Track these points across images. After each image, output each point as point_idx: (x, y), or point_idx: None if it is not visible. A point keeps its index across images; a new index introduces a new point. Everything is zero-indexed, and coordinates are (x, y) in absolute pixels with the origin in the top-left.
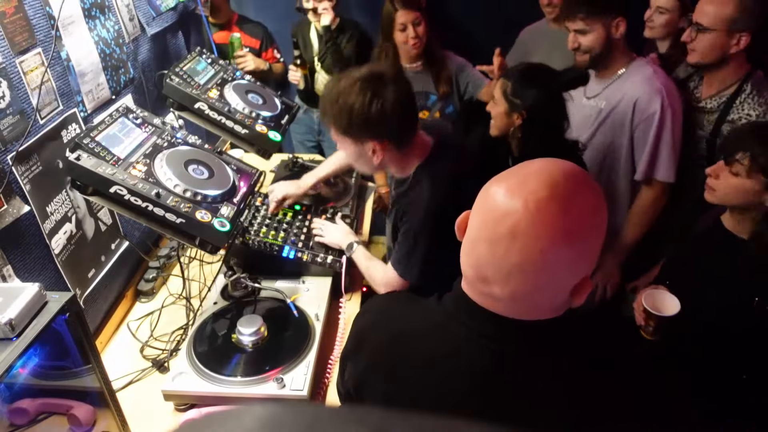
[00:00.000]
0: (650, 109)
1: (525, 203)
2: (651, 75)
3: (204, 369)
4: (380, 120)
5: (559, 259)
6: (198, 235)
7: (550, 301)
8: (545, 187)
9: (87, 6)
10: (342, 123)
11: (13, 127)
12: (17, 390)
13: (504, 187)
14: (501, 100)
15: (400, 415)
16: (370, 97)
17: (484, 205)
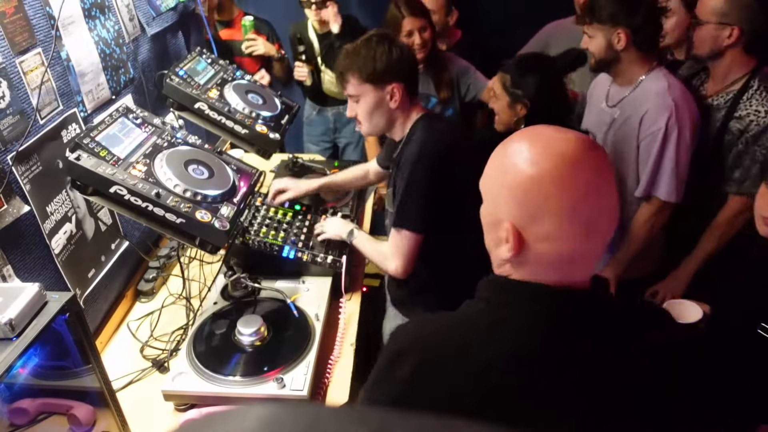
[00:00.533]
0: (656, 125)
1: (577, 141)
2: (664, 89)
3: (204, 369)
4: (400, 63)
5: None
6: (198, 235)
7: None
8: (570, 132)
9: (87, 6)
10: (367, 69)
11: (13, 127)
12: (17, 390)
13: (547, 144)
14: (502, 93)
15: (400, 415)
16: (389, 45)
17: (552, 171)
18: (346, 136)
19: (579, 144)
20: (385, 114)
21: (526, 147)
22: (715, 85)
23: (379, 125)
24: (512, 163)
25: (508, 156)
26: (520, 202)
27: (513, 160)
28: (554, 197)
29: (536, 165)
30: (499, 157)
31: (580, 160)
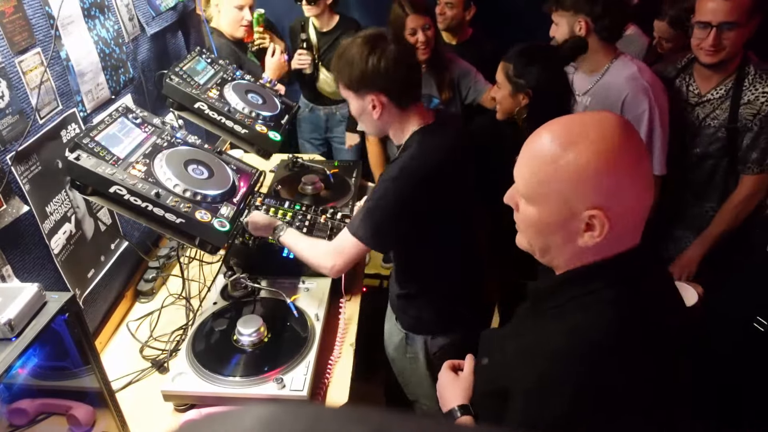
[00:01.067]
0: (639, 108)
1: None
2: (636, 73)
3: (204, 369)
4: (376, 73)
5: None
6: (198, 235)
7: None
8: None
9: (86, 6)
10: (344, 76)
11: (13, 126)
12: (17, 390)
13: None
14: (504, 82)
15: (400, 415)
16: (368, 51)
17: (613, 142)
18: (338, 136)
19: (606, 114)
20: (371, 120)
21: (567, 134)
22: (708, 82)
23: (370, 130)
24: (566, 154)
25: (555, 151)
26: (596, 184)
27: (565, 151)
28: (625, 164)
29: (596, 143)
30: (543, 156)
31: (620, 125)
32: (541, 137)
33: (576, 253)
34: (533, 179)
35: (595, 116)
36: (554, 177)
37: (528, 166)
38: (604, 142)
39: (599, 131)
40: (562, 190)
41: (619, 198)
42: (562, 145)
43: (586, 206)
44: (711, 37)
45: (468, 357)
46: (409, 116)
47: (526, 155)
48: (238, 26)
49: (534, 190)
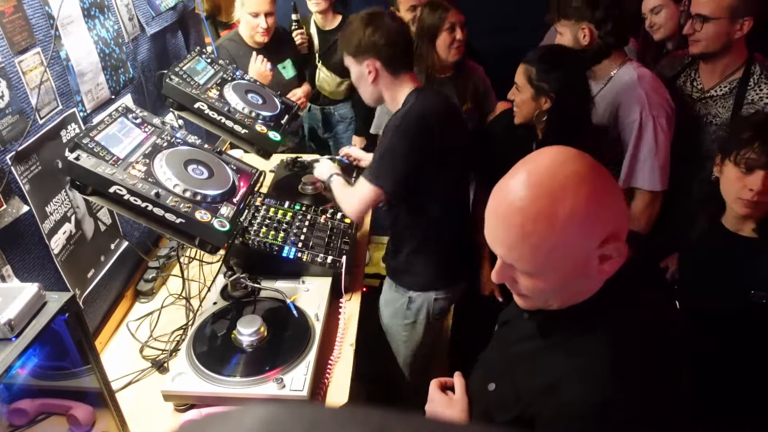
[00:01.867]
0: (630, 117)
1: (566, 153)
2: (634, 81)
3: (204, 369)
4: (372, 41)
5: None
6: (198, 235)
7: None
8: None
9: (86, 6)
10: (346, 44)
11: (13, 126)
12: (16, 390)
13: (564, 166)
14: (526, 86)
15: (400, 416)
16: (366, 23)
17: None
18: (336, 136)
19: (552, 151)
20: (368, 87)
21: (544, 195)
22: (712, 78)
23: (367, 96)
24: (558, 214)
25: (548, 217)
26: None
27: (556, 213)
28: (604, 186)
29: (574, 185)
30: (540, 229)
31: (572, 154)
32: (520, 210)
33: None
34: (538, 255)
35: (545, 160)
36: (560, 241)
37: (523, 245)
38: (579, 180)
39: (567, 171)
40: (573, 246)
41: (616, 217)
42: (550, 209)
43: (597, 244)
44: (686, 25)
45: (456, 376)
46: (402, 82)
47: (514, 233)
48: (255, 33)
49: (542, 265)
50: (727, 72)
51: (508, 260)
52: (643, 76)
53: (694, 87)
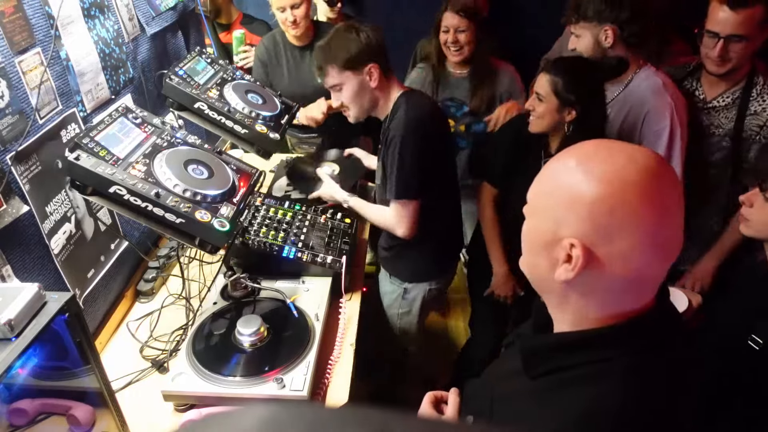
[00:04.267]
0: (660, 124)
1: (651, 155)
2: (661, 87)
3: (203, 369)
4: (369, 45)
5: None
6: (198, 235)
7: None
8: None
9: (86, 5)
10: (342, 57)
11: (13, 126)
12: (16, 390)
13: (625, 157)
14: (551, 96)
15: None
16: (356, 31)
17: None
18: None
19: (654, 157)
20: (368, 95)
21: (599, 161)
22: (715, 89)
23: (365, 107)
24: (583, 179)
25: (575, 171)
26: (595, 218)
27: (584, 176)
28: (638, 213)
29: (619, 179)
30: (562, 171)
31: (662, 174)
32: (573, 154)
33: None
34: (538, 190)
35: (633, 149)
36: (556, 195)
37: (539, 177)
38: (632, 181)
39: (638, 169)
40: (558, 210)
41: (616, 243)
42: (576, 163)
43: (571, 235)
44: (718, 48)
45: (452, 393)
46: (392, 86)
47: (545, 169)
48: (287, 28)
49: (534, 202)
50: (730, 83)
51: (528, 196)
52: (667, 82)
53: (696, 97)
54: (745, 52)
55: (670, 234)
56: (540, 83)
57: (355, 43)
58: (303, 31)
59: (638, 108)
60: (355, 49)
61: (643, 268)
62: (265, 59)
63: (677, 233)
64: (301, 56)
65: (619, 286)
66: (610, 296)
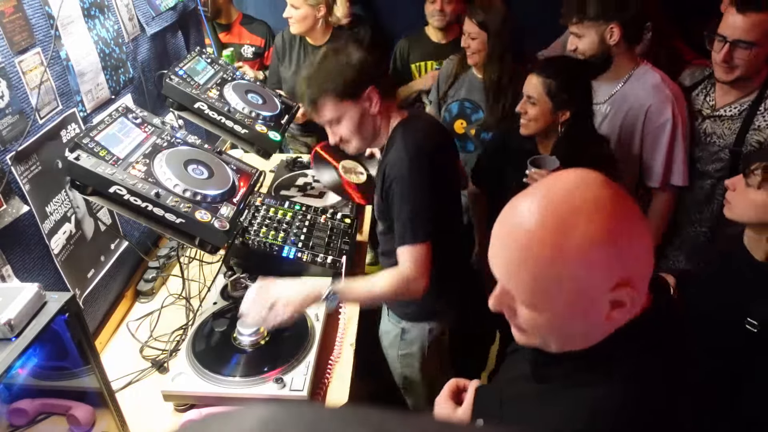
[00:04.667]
0: (662, 118)
1: (597, 180)
2: (659, 82)
3: (203, 369)
4: (364, 65)
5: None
6: (198, 235)
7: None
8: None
9: (86, 5)
10: (338, 86)
11: (13, 126)
12: (16, 390)
13: (600, 197)
14: (544, 99)
15: (401, 416)
16: (346, 56)
17: (608, 223)
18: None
19: (578, 174)
20: (370, 123)
21: (556, 218)
22: (726, 97)
23: (368, 137)
24: (567, 243)
25: (553, 244)
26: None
27: (565, 240)
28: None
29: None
30: (542, 255)
31: (601, 182)
32: (526, 232)
33: (604, 331)
34: (538, 284)
35: (563, 182)
36: (566, 274)
37: (525, 269)
38: (597, 208)
39: (584, 196)
40: (578, 282)
41: (637, 260)
42: (557, 235)
43: (610, 286)
44: (722, 53)
45: (472, 385)
46: (391, 111)
47: (517, 255)
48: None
49: (540, 297)
50: (741, 92)
51: (507, 286)
52: (664, 77)
53: (707, 102)
54: (754, 60)
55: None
56: (531, 85)
57: (349, 68)
58: (304, 30)
59: (638, 105)
60: (351, 74)
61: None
62: (279, 51)
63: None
64: (312, 54)
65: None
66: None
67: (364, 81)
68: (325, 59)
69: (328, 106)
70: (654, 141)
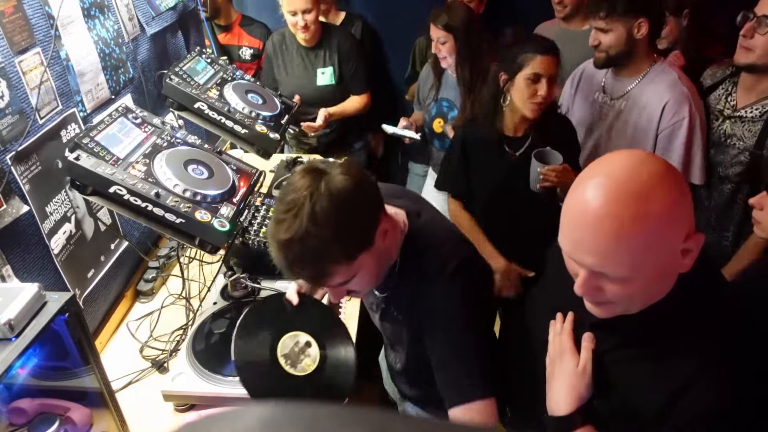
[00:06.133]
0: (679, 115)
1: (641, 154)
2: (676, 79)
3: (203, 369)
4: (370, 200)
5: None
6: (198, 235)
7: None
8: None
9: (86, 6)
10: (353, 244)
11: (13, 126)
12: (16, 390)
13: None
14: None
15: (401, 416)
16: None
17: (676, 178)
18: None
19: (627, 154)
20: (385, 260)
21: (630, 196)
22: (748, 96)
23: (384, 272)
24: (649, 212)
25: (640, 218)
26: (682, 214)
27: (647, 211)
28: (686, 187)
29: (667, 180)
30: (634, 232)
31: (644, 154)
32: (612, 215)
33: (675, 278)
34: (635, 257)
35: (620, 163)
36: (655, 240)
37: (621, 247)
38: (661, 178)
39: (648, 170)
40: (666, 243)
41: (691, 209)
42: (643, 209)
43: (683, 238)
44: (746, 27)
45: (587, 339)
46: (396, 227)
47: (610, 240)
48: (296, 31)
49: (638, 267)
50: (765, 93)
51: (600, 269)
52: (681, 74)
53: (728, 102)
54: None
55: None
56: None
57: (353, 214)
58: (311, 35)
59: (656, 101)
60: (365, 220)
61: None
62: (271, 54)
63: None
64: (306, 56)
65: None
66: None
67: (372, 225)
68: (333, 210)
69: (340, 272)
70: (669, 138)
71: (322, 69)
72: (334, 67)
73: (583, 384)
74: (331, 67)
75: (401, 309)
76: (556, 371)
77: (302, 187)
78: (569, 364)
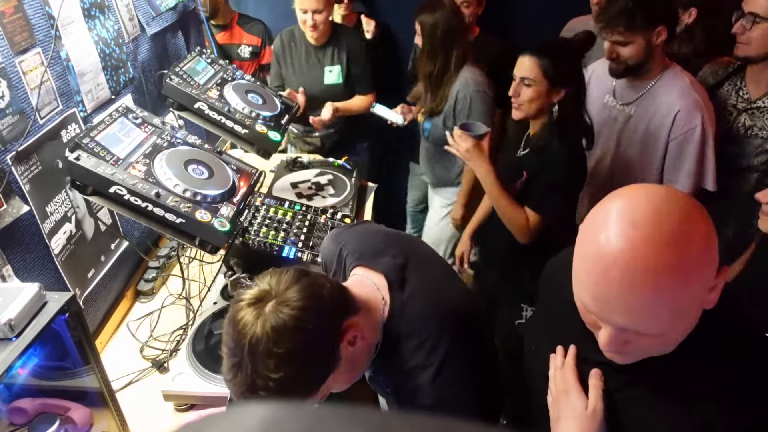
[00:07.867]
0: (692, 123)
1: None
2: (688, 86)
3: (203, 369)
4: (333, 308)
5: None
6: (198, 235)
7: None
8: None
9: (86, 6)
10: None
11: (13, 126)
12: (17, 390)
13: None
14: (541, 79)
15: (401, 415)
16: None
17: (696, 221)
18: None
19: (664, 188)
20: (361, 360)
21: (666, 240)
22: (759, 87)
23: (366, 364)
24: (690, 252)
25: (678, 257)
26: (713, 253)
27: (687, 251)
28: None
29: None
30: (672, 270)
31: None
32: (647, 270)
33: (691, 326)
34: (675, 314)
35: (641, 205)
36: (693, 289)
37: (662, 306)
38: (687, 216)
39: (674, 211)
40: (700, 288)
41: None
42: (679, 259)
43: (714, 275)
44: (738, 23)
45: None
46: (370, 309)
47: (647, 300)
48: (305, 29)
49: (677, 322)
50: None
51: (634, 327)
52: (693, 80)
53: (740, 96)
54: (761, 37)
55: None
56: (525, 67)
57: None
58: (320, 35)
59: (667, 108)
60: (318, 354)
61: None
62: (279, 52)
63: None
64: (315, 54)
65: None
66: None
67: (339, 322)
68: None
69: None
70: (681, 146)
71: (330, 67)
72: (342, 67)
73: (595, 427)
74: (338, 65)
75: (390, 384)
76: (563, 413)
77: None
78: (577, 404)
